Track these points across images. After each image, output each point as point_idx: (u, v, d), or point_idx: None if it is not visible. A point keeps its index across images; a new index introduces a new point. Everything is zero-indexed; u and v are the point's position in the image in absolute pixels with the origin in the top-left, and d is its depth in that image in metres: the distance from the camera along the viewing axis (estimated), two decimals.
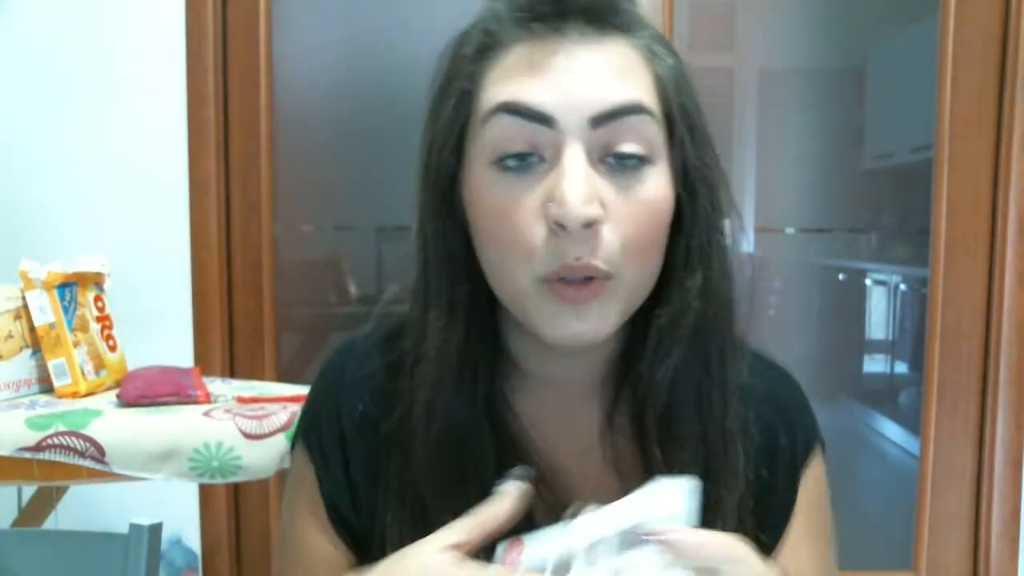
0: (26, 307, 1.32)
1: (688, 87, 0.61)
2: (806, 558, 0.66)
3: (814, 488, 0.68)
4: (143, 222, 1.87)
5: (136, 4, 1.86)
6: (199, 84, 1.86)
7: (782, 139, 2.06)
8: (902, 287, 2.16)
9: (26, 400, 1.28)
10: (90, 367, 1.34)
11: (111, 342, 1.41)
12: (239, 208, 1.93)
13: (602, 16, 0.58)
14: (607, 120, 0.56)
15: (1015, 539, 1.90)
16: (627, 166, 0.57)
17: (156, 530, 0.94)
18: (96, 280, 1.43)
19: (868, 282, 2.17)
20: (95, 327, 1.39)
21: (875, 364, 2.20)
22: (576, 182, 0.55)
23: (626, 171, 0.57)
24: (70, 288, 1.36)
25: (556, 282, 0.56)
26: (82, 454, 1.14)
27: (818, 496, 0.69)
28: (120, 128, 1.87)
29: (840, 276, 2.16)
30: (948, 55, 1.86)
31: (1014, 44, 1.82)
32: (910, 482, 1.97)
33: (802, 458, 0.68)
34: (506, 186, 0.57)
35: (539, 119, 0.56)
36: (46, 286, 1.32)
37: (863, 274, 2.16)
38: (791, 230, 2.04)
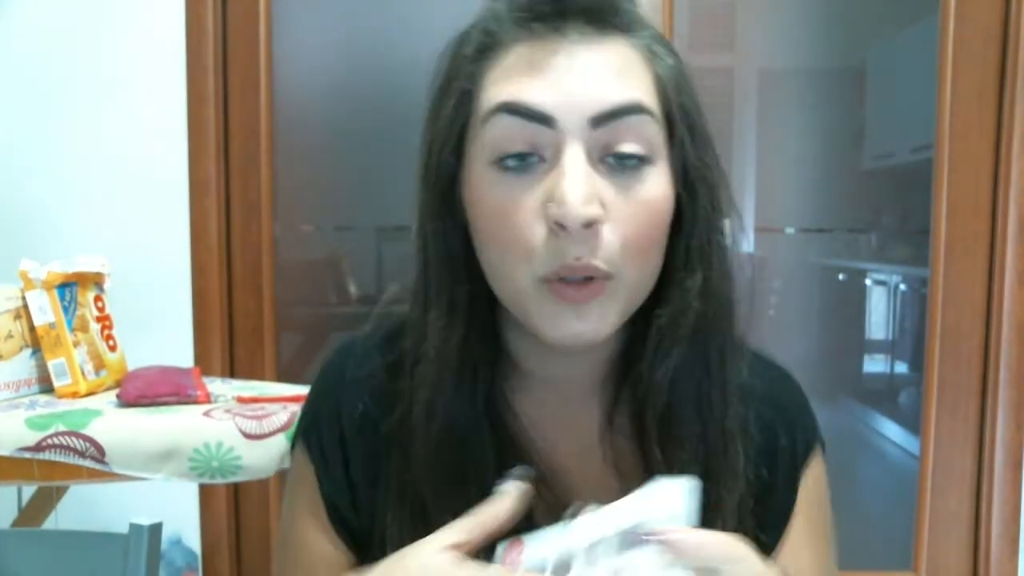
0: (26, 307, 1.32)
1: (688, 87, 0.61)
2: (806, 558, 0.66)
3: (814, 488, 0.68)
4: (143, 222, 1.87)
5: (136, 4, 1.86)
6: (199, 84, 1.86)
7: (782, 139, 2.06)
8: (902, 287, 2.16)
9: (26, 400, 1.28)
10: (90, 367, 1.34)
11: (111, 342, 1.41)
12: (239, 208, 1.93)
13: (602, 16, 0.58)
14: (607, 120, 0.56)
15: (1015, 539, 1.90)
16: (627, 166, 0.57)
17: (156, 530, 0.94)
18: (96, 280, 1.42)
19: (868, 282, 2.16)
20: (95, 327, 1.39)
21: (875, 364, 2.20)
22: (576, 182, 0.55)
23: (626, 171, 0.57)
24: (70, 288, 1.35)
25: (556, 282, 0.56)
26: (82, 454, 1.14)
27: (818, 496, 0.69)
28: (120, 128, 1.86)
29: (840, 276, 2.15)
30: (948, 55, 1.86)
31: (1014, 44, 1.82)
32: (910, 482, 1.97)
33: (802, 458, 0.68)
34: (506, 186, 0.57)
35: (539, 119, 0.56)
36: (46, 286, 1.32)
37: (863, 274, 2.15)
38: (791, 230, 2.04)
